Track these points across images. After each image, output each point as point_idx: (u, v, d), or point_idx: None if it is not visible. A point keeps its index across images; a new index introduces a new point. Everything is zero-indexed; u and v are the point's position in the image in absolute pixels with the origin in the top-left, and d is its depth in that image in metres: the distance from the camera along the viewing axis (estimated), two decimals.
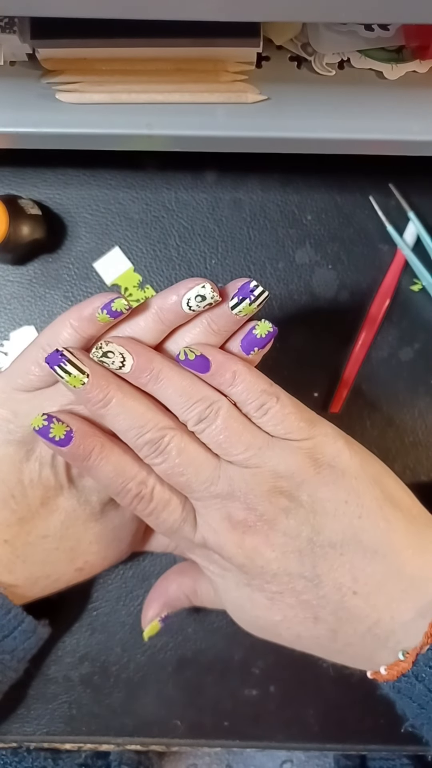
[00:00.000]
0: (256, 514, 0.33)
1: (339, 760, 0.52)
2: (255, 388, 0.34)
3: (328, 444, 0.34)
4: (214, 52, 0.37)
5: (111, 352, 0.34)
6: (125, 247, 0.47)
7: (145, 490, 0.34)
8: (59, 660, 0.44)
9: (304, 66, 0.39)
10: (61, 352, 0.33)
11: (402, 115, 0.38)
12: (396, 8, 0.26)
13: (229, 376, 0.34)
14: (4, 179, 0.47)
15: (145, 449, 0.33)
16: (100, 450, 0.34)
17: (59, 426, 0.33)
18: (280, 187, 0.47)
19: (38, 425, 0.33)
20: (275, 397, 0.34)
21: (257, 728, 0.44)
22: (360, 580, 0.33)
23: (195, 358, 0.34)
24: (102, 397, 0.33)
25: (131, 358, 0.33)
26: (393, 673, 0.32)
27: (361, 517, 0.33)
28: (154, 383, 0.34)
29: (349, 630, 0.33)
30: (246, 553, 0.34)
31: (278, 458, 0.33)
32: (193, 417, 0.34)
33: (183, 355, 0.34)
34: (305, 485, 0.33)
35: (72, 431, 0.33)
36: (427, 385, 0.46)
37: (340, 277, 0.47)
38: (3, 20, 0.35)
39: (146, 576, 0.45)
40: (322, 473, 0.33)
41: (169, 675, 0.45)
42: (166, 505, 0.35)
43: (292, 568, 0.33)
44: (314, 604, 0.33)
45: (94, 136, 0.38)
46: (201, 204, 0.47)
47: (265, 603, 0.34)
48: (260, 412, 0.34)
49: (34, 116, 0.38)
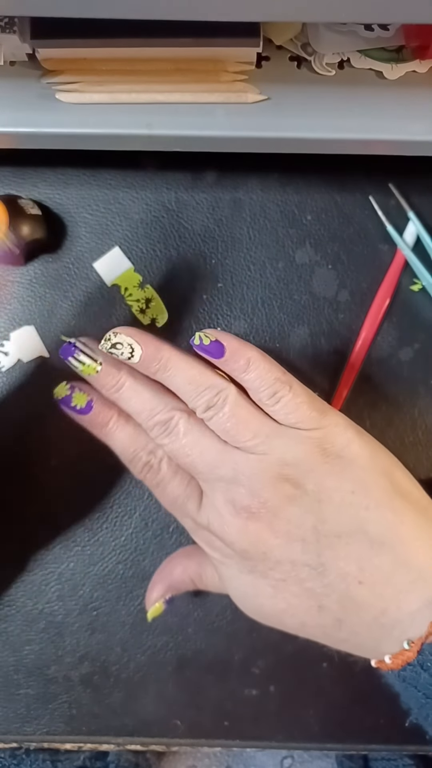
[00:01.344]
0: (260, 501, 0.33)
1: (342, 761, 0.52)
2: (268, 375, 0.34)
3: (338, 434, 0.34)
4: (214, 52, 0.37)
5: (120, 343, 0.35)
6: (125, 247, 0.47)
7: (154, 459, 0.36)
8: (59, 660, 0.44)
9: (304, 66, 0.39)
10: (74, 344, 0.36)
11: (402, 115, 0.38)
12: (396, 8, 0.26)
13: (243, 362, 0.34)
14: (4, 179, 0.47)
15: (155, 430, 0.35)
16: (117, 419, 0.36)
17: (80, 395, 0.36)
18: (280, 187, 0.47)
19: (62, 393, 0.36)
20: (288, 386, 0.34)
21: (257, 728, 0.44)
22: (366, 570, 0.33)
23: (210, 344, 0.35)
24: (115, 382, 0.35)
25: (140, 348, 0.35)
26: (398, 662, 0.32)
27: (369, 508, 0.33)
28: (163, 372, 0.35)
29: (354, 619, 0.33)
30: (249, 538, 0.34)
31: (286, 446, 0.33)
32: (202, 404, 0.34)
33: (198, 340, 0.35)
34: (312, 474, 0.33)
35: (92, 400, 0.36)
36: (427, 385, 0.46)
37: (340, 276, 0.47)
38: (3, 20, 0.36)
39: (146, 576, 0.45)
40: (330, 463, 0.33)
41: (169, 675, 0.45)
42: (171, 479, 0.36)
43: (296, 556, 0.33)
44: (318, 592, 0.33)
45: (94, 136, 0.38)
46: (201, 204, 0.47)
47: (268, 591, 0.34)
48: (272, 400, 0.34)
49: (34, 116, 0.38)
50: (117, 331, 0.35)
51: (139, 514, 0.45)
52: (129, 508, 0.45)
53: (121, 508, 0.45)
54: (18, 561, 0.45)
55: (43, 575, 0.45)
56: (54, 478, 0.45)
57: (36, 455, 0.45)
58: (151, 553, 0.45)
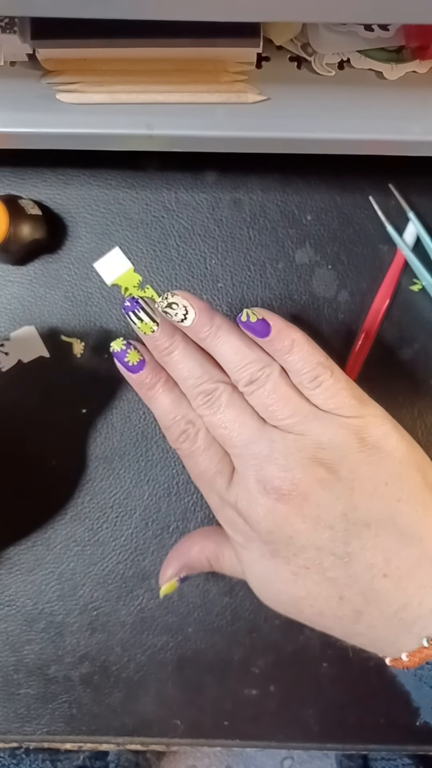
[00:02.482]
0: (292, 481, 0.33)
1: (341, 760, 0.52)
2: (311, 359, 0.34)
3: (376, 425, 0.34)
4: (214, 52, 0.37)
5: (175, 303, 0.35)
6: (125, 248, 0.47)
7: (192, 429, 0.36)
8: (59, 660, 0.44)
9: (304, 66, 0.39)
10: (137, 300, 0.36)
11: (402, 115, 0.38)
12: (395, 8, 0.26)
13: (287, 343, 0.34)
14: (4, 179, 0.47)
15: (199, 399, 0.35)
16: (165, 382, 0.37)
17: (134, 353, 0.37)
18: (280, 187, 0.47)
19: (118, 348, 0.37)
20: (330, 371, 0.34)
21: (257, 728, 0.44)
22: (392, 562, 0.32)
23: (256, 321, 0.35)
24: (168, 345, 0.36)
25: (194, 311, 0.35)
26: (415, 660, 0.32)
27: (401, 500, 0.33)
28: (212, 339, 0.35)
29: (375, 612, 0.33)
30: (276, 520, 0.33)
31: (323, 429, 0.33)
32: (245, 377, 0.35)
33: (245, 317, 0.35)
34: (347, 461, 0.33)
35: (145, 360, 0.37)
36: (427, 385, 0.46)
37: (340, 277, 0.47)
38: (3, 20, 0.36)
39: (146, 576, 0.45)
40: (366, 452, 0.33)
41: (170, 675, 0.45)
42: (205, 450, 0.36)
43: (322, 542, 0.33)
44: (341, 582, 0.33)
45: (94, 136, 0.38)
46: (201, 204, 0.47)
47: (289, 577, 0.34)
48: (313, 384, 0.34)
49: (35, 116, 0.38)
50: (174, 292, 0.36)
51: (139, 514, 0.45)
52: (129, 508, 0.45)
53: (121, 508, 0.45)
54: (18, 560, 0.45)
55: (44, 575, 0.45)
56: (54, 478, 0.45)
57: (36, 455, 0.45)
58: (151, 553, 0.45)
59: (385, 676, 0.42)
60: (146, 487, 0.45)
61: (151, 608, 0.45)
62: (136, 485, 0.45)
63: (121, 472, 0.45)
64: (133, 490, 0.45)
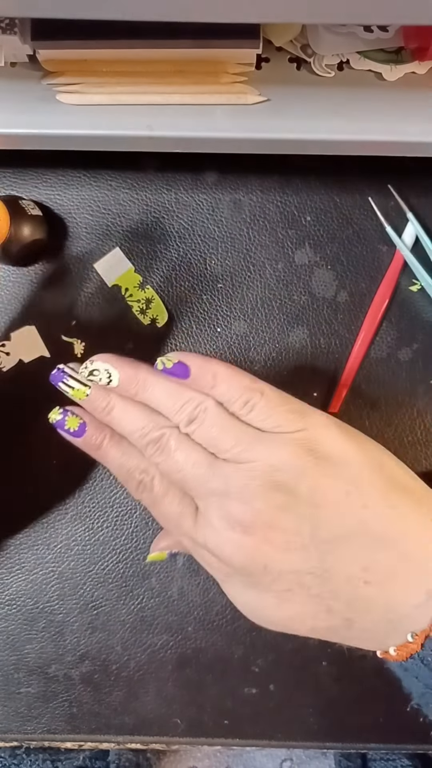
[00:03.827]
0: (253, 513, 0.33)
1: (340, 761, 0.52)
2: (237, 385, 0.34)
3: (322, 433, 0.34)
4: (214, 53, 0.37)
5: (96, 370, 0.36)
6: (126, 248, 0.47)
7: (147, 478, 0.36)
8: (60, 659, 0.45)
9: (303, 67, 0.39)
10: (62, 369, 0.37)
11: (401, 116, 0.38)
12: (395, 10, 0.26)
13: (209, 378, 0.34)
14: (5, 180, 0.47)
15: (149, 449, 0.35)
16: (110, 438, 0.37)
17: (73, 419, 0.37)
18: (279, 188, 0.47)
19: (56, 417, 0.37)
20: (259, 393, 0.34)
21: (257, 727, 0.45)
22: (371, 569, 0.33)
23: (173, 366, 0.35)
24: (105, 404, 0.36)
25: (117, 372, 0.36)
26: (402, 654, 0.32)
27: (366, 506, 0.33)
28: (143, 392, 0.36)
29: (364, 617, 0.33)
30: (247, 554, 0.33)
31: (270, 450, 0.33)
32: (184, 418, 0.34)
33: (161, 365, 0.35)
34: (304, 477, 0.33)
35: (85, 423, 0.37)
36: (426, 385, 0.46)
37: (339, 277, 0.47)
38: (4, 21, 0.36)
39: (146, 575, 0.45)
40: (320, 464, 0.33)
41: (169, 674, 0.45)
42: (164, 495, 0.36)
43: (297, 565, 0.33)
44: (326, 597, 0.33)
45: (94, 138, 0.39)
46: (201, 205, 0.47)
47: (274, 602, 0.34)
48: (246, 409, 0.34)
49: (35, 117, 0.38)
50: (93, 359, 0.36)
51: (139, 513, 0.45)
52: (129, 507, 0.45)
53: (121, 508, 0.45)
54: (19, 560, 0.45)
55: (44, 574, 0.45)
56: (54, 477, 0.45)
57: (36, 455, 0.45)
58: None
59: (384, 675, 0.43)
60: None
61: (151, 607, 0.45)
62: None
63: None
64: None
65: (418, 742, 0.44)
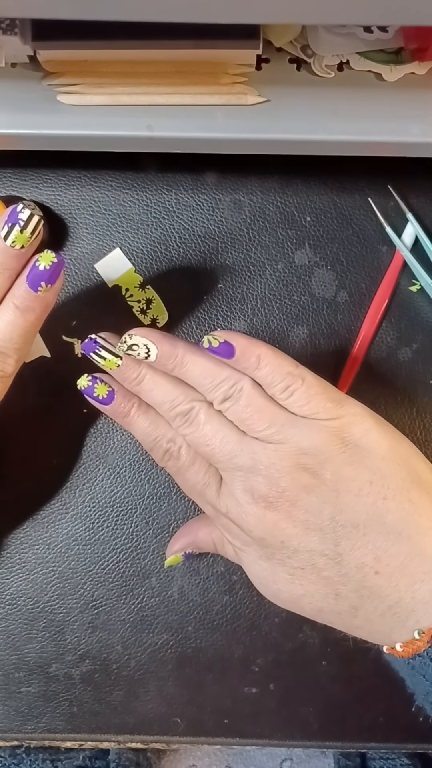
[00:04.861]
0: (278, 490, 0.34)
1: (339, 760, 0.52)
2: (280, 370, 0.35)
3: (356, 423, 0.34)
4: (214, 54, 0.37)
5: (135, 344, 0.36)
6: (126, 248, 0.47)
7: (174, 447, 0.37)
8: (60, 658, 0.45)
9: (303, 68, 0.39)
10: (95, 340, 0.37)
11: (401, 116, 0.39)
12: (395, 10, 0.26)
13: (254, 360, 0.35)
14: (5, 180, 0.47)
15: (177, 420, 0.36)
16: (138, 407, 0.37)
17: (102, 386, 0.38)
18: (279, 188, 0.47)
19: (85, 384, 0.38)
20: (300, 379, 0.35)
21: (257, 726, 0.45)
22: (383, 560, 0.33)
23: (219, 345, 0.35)
24: (136, 375, 0.37)
25: (155, 347, 0.36)
26: (408, 651, 0.33)
27: (387, 498, 0.33)
28: (180, 368, 0.36)
29: (369, 607, 0.34)
30: (266, 527, 0.34)
31: (302, 435, 0.34)
32: (219, 396, 0.35)
33: (207, 343, 0.36)
34: (329, 463, 0.34)
35: (114, 391, 0.37)
36: (426, 385, 0.46)
37: (339, 277, 0.47)
38: (4, 22, 0.36)
39: (147, 575, 0.45)
40: (348, 452, 0.34)
41: (170, 673, 0.45)
42: (190, 465, 0.37)
43: (313, 545, 0.34)
44: (336, 581, 0.34)
45: (95, 138, 0.39)
46: (201, 205, 0.47)
47: (286, 577, 0.35)
48: (286, 394, 0.35)
49: (36, 118, 0.38)
50: (132, 333, 0.36)
51: (140, 513, 0.45)
52: (129, 507, 0.46)
53: (121, 508, 0.46)
54: (19, 559, 0.45)
55: (44, 574, 0.45)
56: (55, 477, 0.45)
57: (37, 455, 0.45)
58: (151, 552, 0.45)
59: (384, 674, 0.43)
60: (146, 486, 0.45)
61: (151, 607, 0.45)
62: (137, 484, 0.45)
63: (121, 472, 0.45)
64: (134, 489, 0.46)
65: (418, 741, 0.44)
